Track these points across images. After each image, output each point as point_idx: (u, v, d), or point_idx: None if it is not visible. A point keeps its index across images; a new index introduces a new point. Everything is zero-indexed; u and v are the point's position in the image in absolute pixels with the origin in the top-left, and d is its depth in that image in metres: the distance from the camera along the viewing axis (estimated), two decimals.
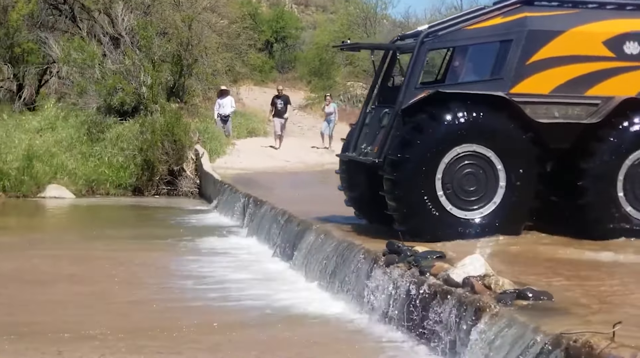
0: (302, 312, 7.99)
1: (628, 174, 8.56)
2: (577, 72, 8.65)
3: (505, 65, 8.66)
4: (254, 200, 13.75)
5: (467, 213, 8.45)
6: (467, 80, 9.10)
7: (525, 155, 8.45)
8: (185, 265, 10.50)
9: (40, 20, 23.90)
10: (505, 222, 8.47)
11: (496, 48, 8.85)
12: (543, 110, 8.60)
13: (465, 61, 9.42)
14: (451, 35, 9.02)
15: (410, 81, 8.79)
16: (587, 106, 8.66)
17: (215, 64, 24.81)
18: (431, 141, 8.31)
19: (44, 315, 7.97)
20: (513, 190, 8.44)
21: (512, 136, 8.41)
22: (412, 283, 6.83)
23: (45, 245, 12.26)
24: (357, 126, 9.80)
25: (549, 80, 8.64)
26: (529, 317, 5.21)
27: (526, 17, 8.73)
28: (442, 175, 8.32)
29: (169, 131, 19.22)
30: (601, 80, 8.67)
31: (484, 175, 8.44)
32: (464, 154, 8.38)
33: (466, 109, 8.35)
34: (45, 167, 18.33)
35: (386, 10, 44.12)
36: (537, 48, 8.62)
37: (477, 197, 8.46)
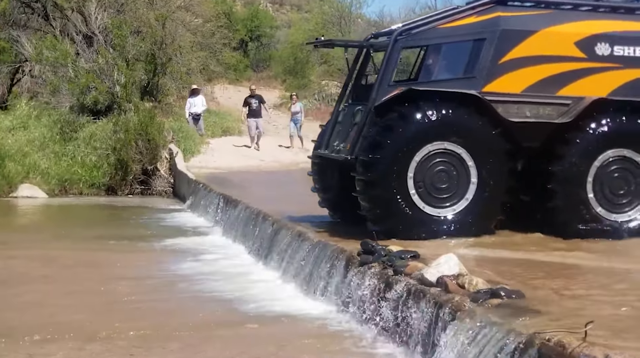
0: (277, 312, 7.97)
1: (598, 174, 8.65)
2: (548, 72, 8.71)
3: (477, 64, 8.70)
4: (228, 199, 13.71)
5: (440, 211, 8.49)
6: (440, 79, 9.13)
7: (496, 153, 8.50)
8: (159, 265, 10.47)
9: (13, 18, 23.67)
10: (477, 219, 8.53)
11: (469, 47, 8.89)
12: (515, 109, 8.65)
13: (438, 59, 9.44)
14: (424, 33, 9.05)
15: (384, 79, 8.81)
16: (558, 106, 8.71)
17: (189, 63, 24.74)
18: (401, 140, 8.33)
19: (15, 316, 7.88)
20: (484, 188, 8.49)
21: (484, 134, 8.47)
22: (386, 283, 6.84)
23: (18, 245, 12.16)
24: (329, 124, 9.82)
25: (521, 80, 8.69)
26: (502, 317, 5.23)
27: (499, 17, 8.78)
28: (413, 173, 8.36)
29: (143, 130, 19.14)
30: (572, 80, 8.74)
31: (455, 173, 8.49)
32: (435, 151, 8.42)
33: (437, 107, 8.39)
34: (17, 166, 18.23)
35: (361, 10, 44.27)
36: (510, 47, 8.67)
37: (449, 195, 8.51)
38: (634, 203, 8.78)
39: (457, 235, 8.43)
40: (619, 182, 8.74)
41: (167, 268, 10.31)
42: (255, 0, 59.02)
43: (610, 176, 8.71)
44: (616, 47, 8.80)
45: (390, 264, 7.06)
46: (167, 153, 19.92)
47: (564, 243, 8.33)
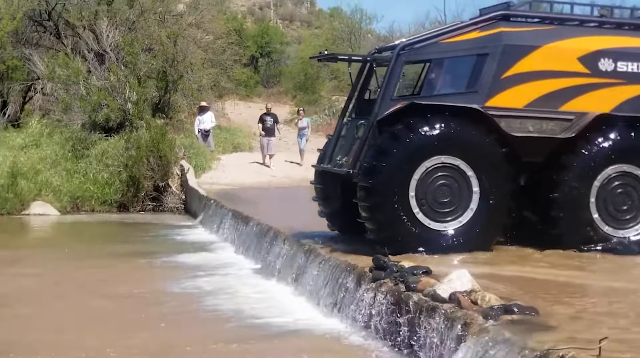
0: (289, 327, 7.97)
1: (601, 189, 8.64)
2: (552, 87, 8.71)
3: (480, 79, 8.71)
4: (239, 215, 13.71)
5: (441, 225, 8.47)
6: (442, 93, 9.14)
7: (498, 167, 8.49)
8: (172, 282, 10.45)
9: (25, 37, 23.89)
10: (478, 233, 8.50)
11: (472, 61, 8.90)
12: (517, 124, 8.64)
13: (441, 74, 9.46)
14: (428, 48, 9.07)
15: (386, 93, 8.83)
16: (561, 121, 8.71)
17: (200, 80, 24.82)
18: (406, 151, 8.33)
19: (25, 334, 7.89)
20: (486, 202, 8.47)
21: (486, 148, 8.46)
22: (398, 299, 6.82)
23: (29, 262, 12.18)
24: (333, 138, 9.84)
25: (524, 95, 8.69)
26: (516, 333, 5.21)
27: (502, 32, 8.80)
28: (415, 187, 8.35)
29: (155, 147, 19.19)
30: (576, 96, 8.74)
31: (457, 187, 8.47)
32: (436, 166, 8.41)
33: (441, 120, 8.39)
34: (29, 184, 18.26)
35: (370, 25, 44.42)
36: (512, 62, 8.68)
37: (451, 209, 8.48)
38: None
39: (458, 249, 8.39)
40: (623, 198, 8.73)
41: (180, 284, 10.30)
42: (266, 17, 59.45)
43: (614, 191, 8.69)
44: (620, 63, 8.82)
45: (403, 280, 7.04)
46: (178, 169, 19.95)
47: (575, 260, 8.28)
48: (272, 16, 63.95)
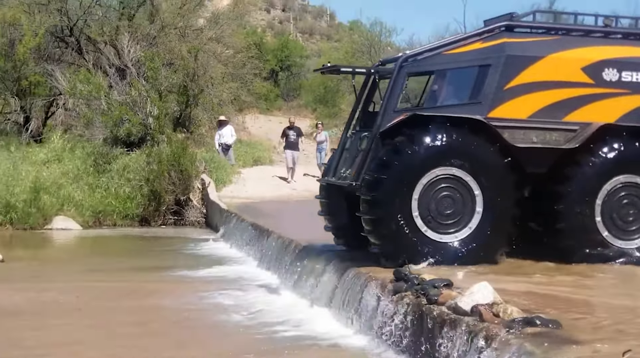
0: (309, 340, 7.96)
1: (606, 200, 8.56)
2: (555, 98, 8.66)
3: (483, 90, 8.67)
4: (260, 229, 13.73)
5: (444, 237, 8.43)
6: (445, 104, 9.12)
7: (502, 178, 8.44)
8: (194, 296, 10.47)
9: (47, 53, 24.13)
10: (482, 246, 8.45)
11: (475, 72, 8.86)
12: (521, 135, 8.60)
13: (444, 85, 9.43)
14: (430, 59, 9.03)
15: (389, 105, 8.78)
16: (565, 132, 8.66)
17: (221, 94, 24.95)
18: (408, 164, 8.30)
19: (46, 349, 7.90)
20: (491, 214, 8.43)
21: (489, 160, 8.42)
22: (420, 312, 6.79)
23: (52, 277, 12.25)
24: (337, 151, 9.84)
25: (528, 105, 8.65)
26: (538, 346, 5.15)
27: (505, 43, 8.76)
28: (418, 197, 8.31)
29: (176, 161, 19.30)
30: (580, 106, 8.68)
31: (460, 198, 8.43)
32: (440, 177, 8.38)
33: (444, 132, 8.36)
34: (52, 198, 18.39)
35: (390, 38, 44.31)
36: (516, 73, 8.65)
37: (454, 221, 8.44)
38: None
39: (462, 261, 8.33)
40: (628, 209, 8.66)
41: (202, 298, 10.31)
42: (286, 31, 59.69)
43: (619, 202, 8.62)
44: (624, 73, 8.76)
45: (424, 293, 7.00)
46: (199, 183, 20.05)
47: (594, 272, 8.24)
48: (292, 30, 64.21)
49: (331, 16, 73.78)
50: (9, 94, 23.88)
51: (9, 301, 10.20)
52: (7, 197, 17.80)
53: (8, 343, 8.14)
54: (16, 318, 9.26)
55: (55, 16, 23.95)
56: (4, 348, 7.93)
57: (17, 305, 10.05)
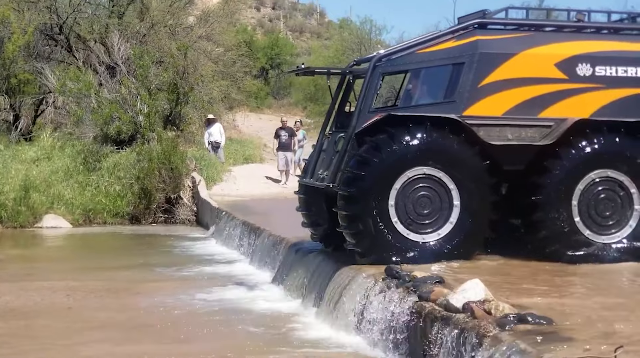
0: (302, 337, 7.98)
1: (583, 196, 8.57)
2: (530, 94, 8.64)
3: (457, 88, 8.65)
4: (251, 227, 13.72)
5: (420, 236, 8.43)
6: (420, 103, 9.12)
7: (478, 176, 8.44)
8: (184, 294, 10.45)
9: (37, 50, 24.02)
10: (459, 244, 8.45)
11: (449, 71, 8.84)
12: (496, 132, 8.58)
13: (418, 84, 9.44)
14: (404, 58, 8.99)
15: (364, 105, 8.76)
16: (541, 128, 8.65)
17: (211, 92, 24.88)
18: (387, 161, 8.28)
19: (38, 348, 7.87)
20: (467, 212, 8.43)
21: (465, 158, 8.42)
22: (411, 309, 6.79)
23: (42, 275, 12.23)
24: (314, 152, 9.83)
25: (502, 103, 8.63)
26: (530, 343, 5.16)
27: (478, 40, 8.74)
28: (395, 200, 8.31)
29: (166, 159, 19.26)
30: (554, 102, 8.66)
31: (437, 198, 8.44)
32: (416, 177, 8.38)
33: (420, 131, 8.34)
34: (42, 197, 18.35)
35: (380, 36, 44.27)
36: (489, 71, 8.62)
37: (431, 220, 8.45)
38: (622, 224, 8.68)
39: (440, 259, 8.31)
40: (605, 203, 8.65)
41: (192, 296, 10.30)
42: (276, 29, 59.59)
43: (596, 197, 8.62)
44: (598, 68, 8.74)
45: (415, 290, 7.01)
46: (189, 181, 20.01)
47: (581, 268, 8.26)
48: (282, 28, 64.11)
49: (321, 14, 73.70)
50: None
51: (0, 300, 10.16)
52: None
53: (7, 338, 8.15)
54: (7, 317, 9.25)
55: (45, 14, 23.86)
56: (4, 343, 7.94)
57: (8, 303, 10.03)
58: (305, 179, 9.73)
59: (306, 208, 9.91)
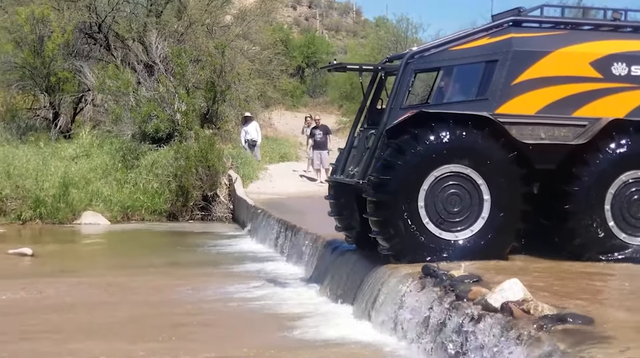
0: (336, 336, 7.95)
1: (616, 196, 8.45)
2: (564, 93, 8.54)
3: (490, 86, 8.57)
4: (287, 225, 13.76)
5: (451, 235, 8.37)
6: (452, 101, 9.05)
7: (510, 176, 8.36)
8: (222, 291, 10.53)
9: (76, 49, 24.32)
10: (490, 243, 8.38)
11: (482, 68, 8.76)
12: (529, 131, 8.50)
13: (450, 82, 9.36)
14: (437, 56, 8.94)
15: (395, 102, 8.72)
16: (574, 127, 8.54)
17: (247, 90, 24.99)
18: (413, 162, 8.23)
19: (80, 341, 7.97)
20: (498, 212, 8.36)
21: (496, 157, 8.34)
22: (449, 309, 6.76)
23: (82, 271, 12.40)
24: (345, 149, 9.79)
25: (535, 101, 8.54)
26: (570, 343, 5.12)
27: (512, 38, 8.66)
28: (425, 197, 8.26)
29: (203, 157, 19.37)
30: (588, 101, 8.56)
31: (468, 196, 8.37)
32: (446, 174, 8.31)
33: (449, 129, 8.27)
34: (80, 194, 18.56)
35: (417, 34, 44.12)
36: (523, 69, 8.54)
37: (461, 219, 8.38)
38: None
39: (471, 258, 8.23)
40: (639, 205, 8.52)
41: (229, 294, 10.36)
42: (312, 27, 59.67)
43: (629, 198, 8.50)
44: (634, 67, 8.62)
45: (453, 289, 6.98)
46: (226, 179, 20.12)
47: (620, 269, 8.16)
48: (318, 26, 64.19)
49: (357, 12, 73.64)
50: (38, 90, 24.11)
51: (41, 295, 10.32)
52: (37, 192, 17.99)
53: (42, 335, 8.27)
54: (47, 311, 9.36)
55: (84, 13, 24.15)
56: (38, 339, 8.07)
57: (49, 298, 10.17)
58: (335, 176, 9.72)
59: (338, 212, 9.88)
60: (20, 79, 23.83)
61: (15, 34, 23.53)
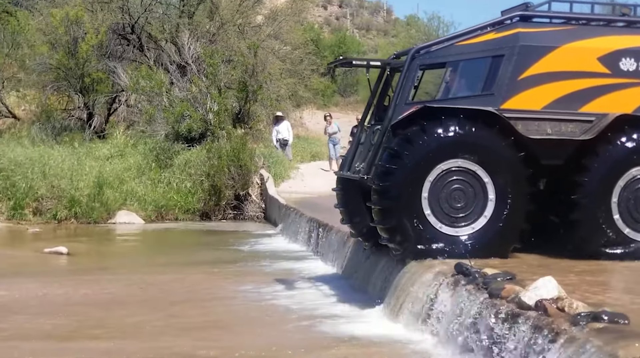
0: (367, 333, 7.98)
1: (623, 192, 8.38)
2: (571, 88, 8.49)
3: (496, 81, 8.54)
4: (319, 223, 13.80)
5: (455, 230, 8.35)
6: (458, 96, 9.02)
7: (515, 171, 8.32)
8: (256, 289, 10.59)
9: (109, 50, 24.56)
10: (493, 239, 8.35)
11: (488, 63, 8.72)
12: (535, 127, 8.45)
13: (456, 77, 9.33)
14: (442, 51, 8.93)
15: (400, 97, 8.72)
16: (581, 123, 8.48)
17: (279, 90, 25.08)
18: (419, 154, 8.22)
19: (114, 339, 8.07)
20: (502, 207, 8.31)
21: (502, 152, 8.30)
22: (482, 306, 6.75)
23: (117, 270, 12.53)
24: (352, 145, 9.82)
25: (542, 96, 8.49)
26: (605, 341, 5.10)
27: (518, 33, 8.61)
28: (429, 189, 8.24)
29: (235, 156, 19.49)
30: (596, 96, 8.50)
31: (472, 192, 8.34)
32: (450, 169, 8.29)
33: (455, 123, 8.24)
34: (115, 193, 18.76)
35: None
36: (530, 64, 8.49)
37: (465, 214, 8.35)
38: None
39: (474, 253, 8.19)
40: None
41: (261, 292, 10.42)
42: (342, 27, 59.68)
43: (637, 194, 8.42)
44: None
45: (485, 287, 6.97)
46: (258, 178, 20.22)
47: None
48: (349, 26, 64.18)
49: (388, 12, 73.54)
50: (72, 91, 24.40)
51: (77, 293, 10.45)
52: (72, 192, 18.23)
53: (78, 332, 8.38)
54: (84, 309, 9.49)
55: (117, 14, 24.40)
56: (75, 336, 8.19)
57: (84, 296, 10.29)
58: (342, 172, 9.73)
59: (343, 204, 9.90)
60: (55, 80, 24.11)
61: (50, 36, 23.84)
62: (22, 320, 8.81)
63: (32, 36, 25.08)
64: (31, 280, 11.22)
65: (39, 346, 7.73)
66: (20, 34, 26.18)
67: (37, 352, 7.53)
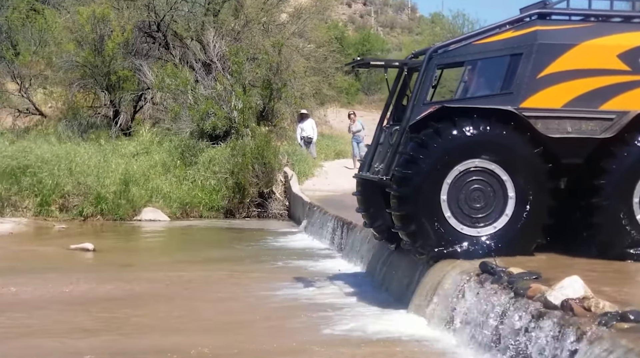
0: (392, 332, 7.98)
1: None
2: (590, 86, 8.39)
3: (515, 79, 8.47)
4: (343, 221, 13.81)
5: (475, 231, 8.31)
6: (477, 95, 8.96)
7: (535, 170, 8.26)
8: (280, 287, 10.62)
9: (135, 48, 24.69)
10: (514, 239, 8.29)
11: (506, 62, 8.65)
12: (555, 125, 8.36)
13: (475, 76, 9.27)
14: (461, 50, 8.85)
15: (419, 97, 8.67)
16: (602, 121, 8.38)
17: (303, 88, 25.09)
18: (435, 157, 8.17)
19: (137, 336, 8.15)
20: (523, 207, 8.25)
21: (522, 151, 8.23)
22: (507, 305, 6.74)
23: (142, 267, 12.62)
24: (371, 145, 9.78)
25: (561, 94, 8.40)
26: (632, 340, 5.07)
27: (537, 31, 8.53)
28: (447, 192, 8.20)
29: (259, 154, 19.56)
30: (616, 94, 8.38)
31: (492, 192, 8.29)
32: (470, 169, 8.24)
33: (473, 123, 8.19)
34: (141, 190, 18.89)
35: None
36: (549, 62, 8.40)
37: (485, 214, 8.30)
38: None
39: (497, 253, 8.13)
40: None
41: (285, 290, 10.45)
42: (367, 25, 59.65)
43: None
44: None
45: (511, 286, 6.95)
46: (282, 176, 20.26)
47: None
48: (373, 23, 64.12)
49: (412, 9, 73.39)
50: (98, 89, 24.59)
51: (102, 289, 10.54)
52: (98, 189, 18.39)
53: (103, 328, 8.48)
54: (109, 305, 9.58)
55: (143, 12, 24.52)
56: (100, 332, 8.27)
57: (110, 292, 10.37)
58: (361, 173, 9.74)
59: (365, 209, 9.90)
60: (81, 77, 24.30)
61: (77, 34, 24.01)
62: (47, 316, 8.91)
63: (59, 34, 25.25)
64: (57, 276, 11.32)
65: (64, 341, 7.81)
66: (47, 31, 26.40)
67: (62, 347, 7.61)
